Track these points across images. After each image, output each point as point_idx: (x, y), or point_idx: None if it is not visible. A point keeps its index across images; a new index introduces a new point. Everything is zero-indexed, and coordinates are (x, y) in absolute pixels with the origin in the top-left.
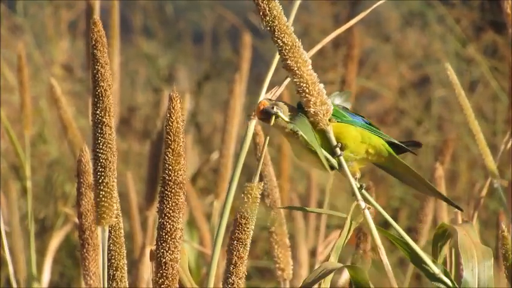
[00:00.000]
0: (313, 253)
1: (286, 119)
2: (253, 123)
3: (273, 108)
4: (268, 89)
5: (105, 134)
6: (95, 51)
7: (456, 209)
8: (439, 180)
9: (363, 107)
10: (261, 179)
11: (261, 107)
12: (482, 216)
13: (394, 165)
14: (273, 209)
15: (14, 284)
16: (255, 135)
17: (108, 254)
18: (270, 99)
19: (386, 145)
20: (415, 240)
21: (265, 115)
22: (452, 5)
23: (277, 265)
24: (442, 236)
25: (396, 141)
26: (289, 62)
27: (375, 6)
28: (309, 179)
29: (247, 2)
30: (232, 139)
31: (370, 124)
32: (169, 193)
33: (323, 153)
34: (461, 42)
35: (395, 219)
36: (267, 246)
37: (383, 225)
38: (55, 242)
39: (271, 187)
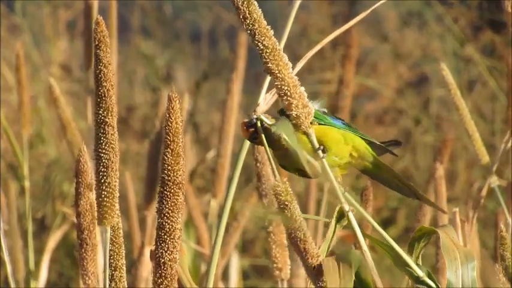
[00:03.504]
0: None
1: (269, 122)
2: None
3: (252, 119)
4: (268, 90)
5: (108, 134)
6: (98, 51)
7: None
8: (440, 181)
9: (361, 107)
10: (258, 179)
11: (244, 125)
12: (480, 216)
13: (378, 169)
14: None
15: (13, 284)
16: None
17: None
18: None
19: (369, 148)
20: None
21: (252, 127)
22: (451, 4)
23: (274, 265)
24: (419, 239)
25: (376, 141)
26: (270, 65)
27: (375, 6)
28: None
29: None
30: (230, 138)
31: (350, 126)
32: (168, 193)
33: (305, 156)
34: (460, 42)
35: (394, 220)
36: (265, 245)
37: (380, 225)
38: (53, 241)
39: (269, 187)
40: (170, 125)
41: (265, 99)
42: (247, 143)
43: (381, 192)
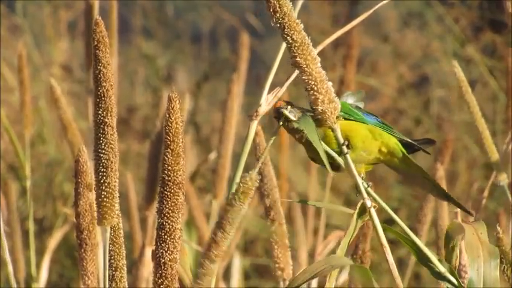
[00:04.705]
0: (311, 254)
1: (292, 118)
2: (255, 124)
3: (286, 108)
4: (270, 90)
5: (107, 134)
6: (97, 51)
7: (467, 212)
8: (440, 181)
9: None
10: (260, 179)
11: (277, 105)
12: (481, 216)
13: (407, 166)
14: (272, 209)
15: (14, 284)
16: (255, 135)
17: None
18: (288, 101)
19: (400, 145)
20: None
21: (277, 114)
22: (451, 4)
23: (276, 265)
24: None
25: (410, 140)
26: (298, 59)
27: (377, 7)
28: (308, 179)
29: (245, 3)
30: (231, 139)
31: (383, 123)
32: (168, 193)
33: (325, 153)
34: (460, 42)
35: (394, 220)
36: (266, 245)
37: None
38: (53, 241)
39: (271, 187)
40: (170, 125)
41: (267, 100)
42: (249, 144)
43: (382, 192)
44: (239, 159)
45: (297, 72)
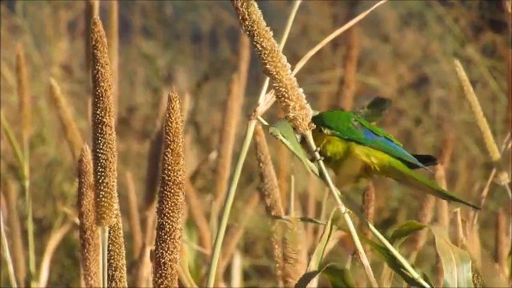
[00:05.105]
0: (311, 253)
1: (265, 123)
2: (253, 123)
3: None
4: (268, 90)
5: (106, 134)
6: (95, 51)
7: (474, 208)
8: (440, 181)
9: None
10: (261, 179)
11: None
12: (481, 216)
13: (408, 181)
14: (273, 209)
15: (14, 284)
16: (254, 134)
17: (107, 254)
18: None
19: (394, 161)
20: (415, 241)
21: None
22: (451, 4)
23: (277, 265)
24: (403, 234)
25: (407, 159)
26: (268, 66)
27: (375, 6)
28: (308, 178)
29: None
30: (231, 139)
31: (389, 140)
32: (168, 193)
33: (305, 157)
34: (460, 42)
35: (394, 220)
36: (266, 245)
37: (380, 225)
38: (53, 242)
39: (271, 187)
40: (170, 125)
41: (266, 99)
42: (248, 143)
43: (382, 192)
44: (238, 159)
45: (293, 73)
